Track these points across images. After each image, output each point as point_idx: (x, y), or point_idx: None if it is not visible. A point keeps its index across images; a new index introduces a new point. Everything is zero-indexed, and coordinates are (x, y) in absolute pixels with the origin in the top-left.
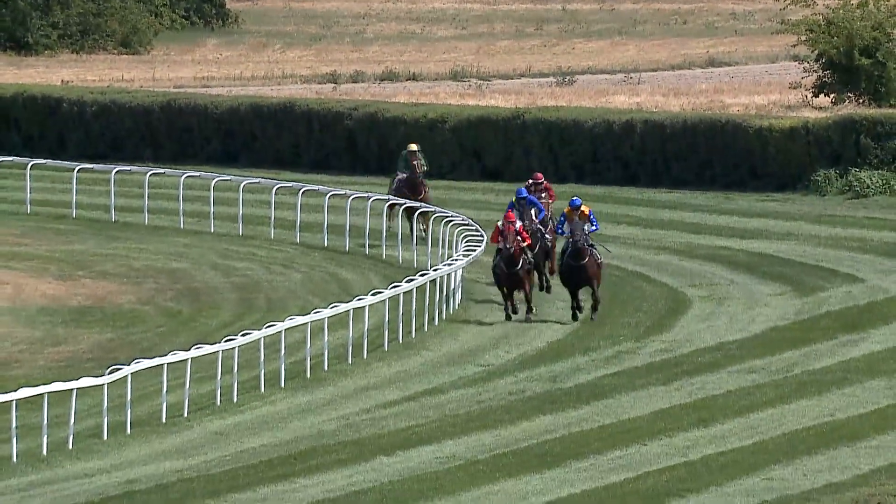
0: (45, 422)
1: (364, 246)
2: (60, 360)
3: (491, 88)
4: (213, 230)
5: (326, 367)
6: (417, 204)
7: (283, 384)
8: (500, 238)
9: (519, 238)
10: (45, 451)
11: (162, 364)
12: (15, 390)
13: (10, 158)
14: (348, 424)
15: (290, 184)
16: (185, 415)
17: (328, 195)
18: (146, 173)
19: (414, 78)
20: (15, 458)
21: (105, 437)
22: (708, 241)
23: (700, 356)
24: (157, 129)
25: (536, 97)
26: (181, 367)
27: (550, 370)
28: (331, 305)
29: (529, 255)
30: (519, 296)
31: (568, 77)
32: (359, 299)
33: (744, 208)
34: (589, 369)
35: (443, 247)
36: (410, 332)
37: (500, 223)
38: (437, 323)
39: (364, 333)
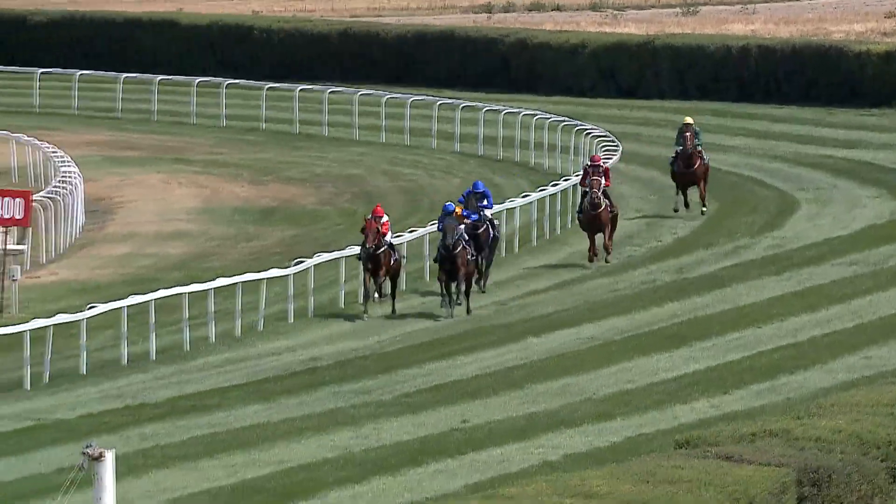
0: (239, 307)
1: (514, 155)
2: (251, 254)
3: (625, 18)
4: (383, 141)
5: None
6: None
7: (426, 280)
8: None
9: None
10: (238, 333)
11: (340, 257)
12: (212, 279)
13: (208, 79)
14: (501, 310)
15: (450, 100)
16: (361, 301)
17: (483, 110)
18: (325, 91)
19: (558, 8)
20: (213, 339)
21: (291, 321)
22: (813, 150)
23: (807, 250)
24: (335, 53)
25: (665, 25)
26: (356, 260)
27: (677, 262)
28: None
29: (395, 252)
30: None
31: (692, 7)
32: (510, 201)
33: (844, 122)
34: (710, 262)
35: (582, 155)
36: (555, 230)
37: (367, 216)
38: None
39: (515, 231)
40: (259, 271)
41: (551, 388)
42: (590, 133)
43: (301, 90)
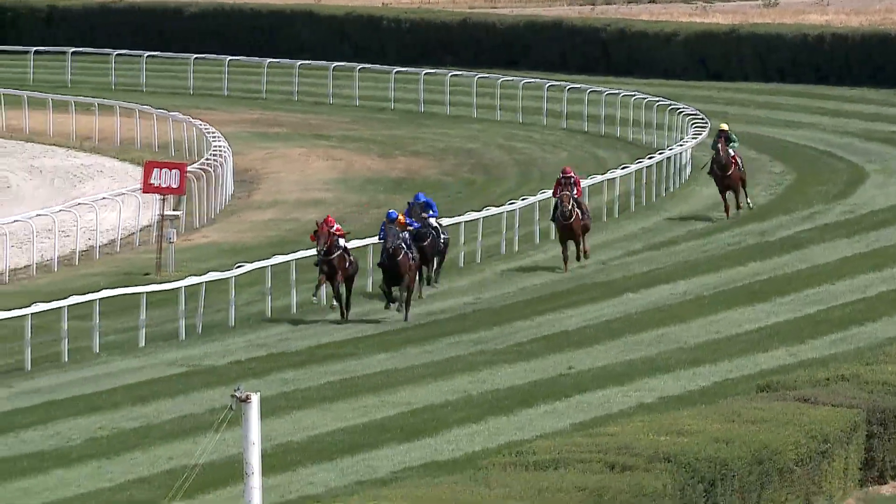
0: (370, 267)
1: (615, 131)
2: (381, 219)
3: (713, 9)
4: (499, 119)
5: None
6: None
7: (552, 237)
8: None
9: (335, 236)
10: (369, 289)
11: (460, 222)
12: (347, 242)
13: (343, 63)
14: (603, 269)
15: (558, 83)
16: (478, 261)
17: (587, 91)
18: (447, 74)
19: (654, 0)
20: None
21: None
22: (881, 127)
23: (875, 216)
24: (456, 41)
25: (748, 16)
26: (474, 225)
27: (759, 227)
28: (590, 176)
29: (348, 254)
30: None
31: (772, 0)
32: (611, 172)
33: None
34: (789, 226)
35: (675, 131)
36: (651, 198)
37: (318, 221)
38: (672, 190)
39: (615, 198)
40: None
41: (647, 337)
42: (681, 112)
43: (426, 73)
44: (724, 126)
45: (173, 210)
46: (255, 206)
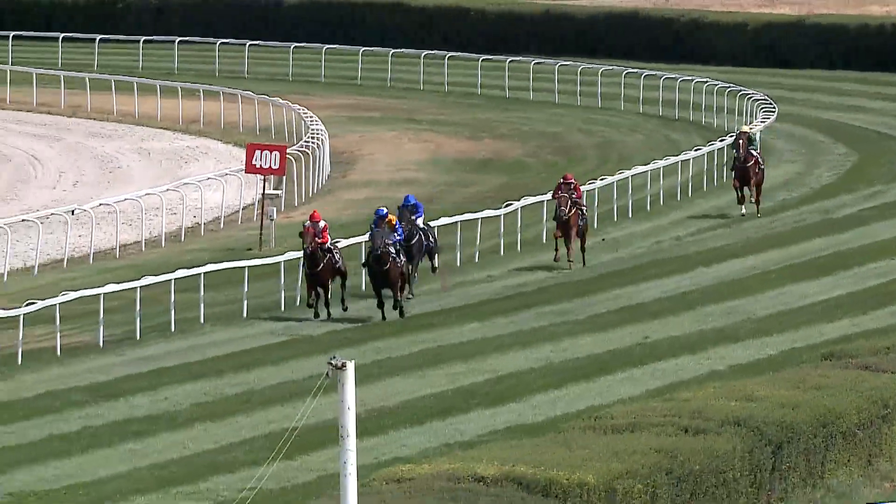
0: (458, 242)
1: (689, 115)
2: (468, 197)
3: (780, 0)
4: (579, 104)
5: (663, 202)
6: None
7: (629, 215)
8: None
9: (318, 239)
10: (458, 263)
11: (542, 200)
12: (436, 219)
13: (433, 51)
14: (677, 244)
15: (634, 70)
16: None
17: (662, 78)
18: (531, 62)
19: None
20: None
21: (501, 254)
22: None
23: None
24: (538, 30)
25: (813, 7)
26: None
27: (823, 205)
28: (664, 157)
29: (336, 256)
30: (333, 286)
31: None
32: (685, 153)
33: None
34: (852, 204)
35: (744, 115)
36: (722, 178)
37: (306, 223)
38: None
39: (689, 178)
40: (475, 212)
41: (718, 309)
42: (750, 97)
43: (510, 61)
44: (746, 128)
45: (274, 189)
46: (350, 185)
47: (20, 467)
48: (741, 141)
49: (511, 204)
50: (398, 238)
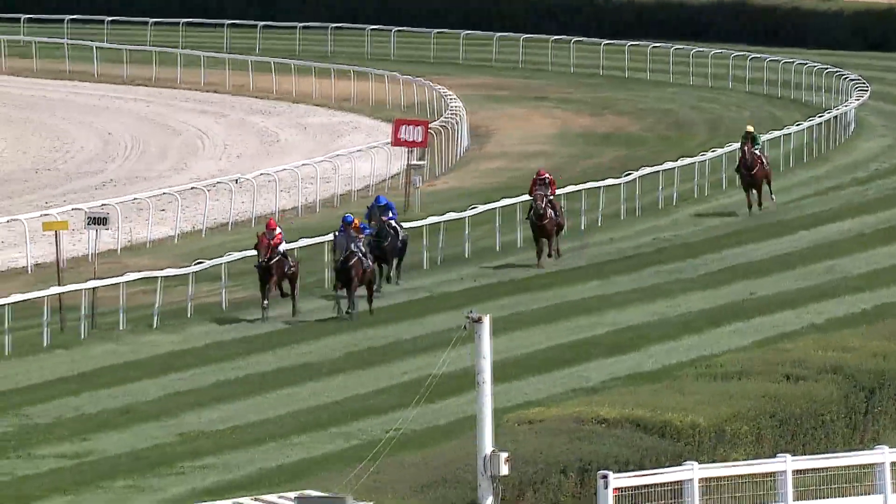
0: (583, 208)
1: (790, 93)
2: (589, 168)
3: None
4: (691, 83)
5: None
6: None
7: (736, 184)
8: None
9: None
10: (582, 227)
11: (658, 170)
12: (562, 188)
13: (559, 37)
14: (781, 209)
15: (741, 53)
16: (674, 203)
17: (766, 60)
18: (648, 46)
19: None
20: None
21: (622, 218)
22: None
23: None
24: (653, 17)
25: None
26: (671, 174)
27: None
28: (768, 132)
29: (289, 259)
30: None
31: None
32: (786, 128)
33: None
34: None
35: (840, 94)
36: (821, 150)
37: (260, 232)
38: (838, 144)
39: (790, 151)
40: (598, 181)
41: (817, 268)
42: (845, 77)
43: (629, 45)
44: (750, 128)
45: (418, 160)
46: (486, 156)
47: (190, 410)
48: (746, 143)
49: (630, 173)
50: (368, 232)
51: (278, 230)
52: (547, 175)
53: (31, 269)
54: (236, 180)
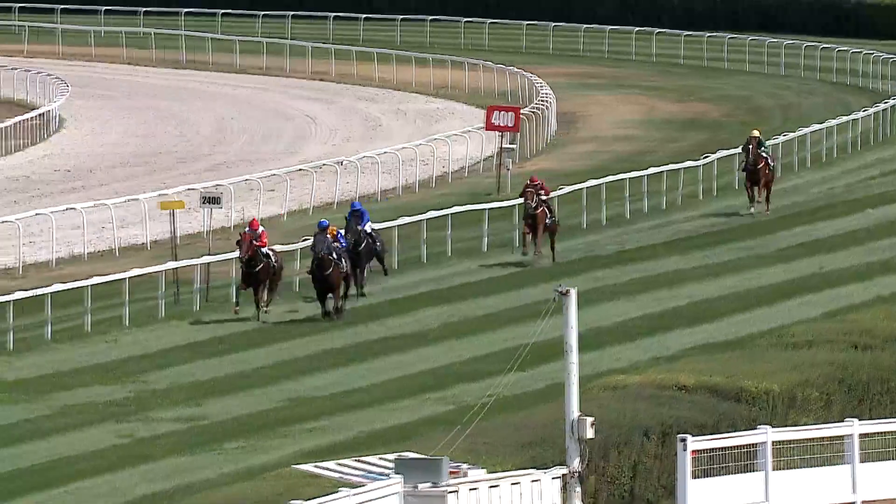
0: (664, 187)
1: (857, 81)
2: (675, 151)
3: None
4: (765, 72)
5: (836, 154)
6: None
7: (808, 165)
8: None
9: (256, 243)
10: (663, 206)
11: (734, 153)
12: (646, 168)
13: (644, 28)
14: (848, 188)
15: (813, 43)
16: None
17: (835, 50)
18: (725, 37)
19: None
20: (646, 210)
21: (700, 198)
22: None
23: None
24: (727, 10)
25: None
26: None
27: None
28: (836, 117)
29: (273, 259)
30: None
31: None
32: (854, 113)
33: None
34: None
35: None
36: (887, 133)
37: (243, 230)
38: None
39: (858, 134)
40: (678, 163)
41: (883, 244)
42: None
43: (708, 36)
44: (756, 133)
45: (510, 144)
46: (574, 140)
47: (297, 377)
48: (751, 145)
49: (708, 156)
50: (342, 246)
51: (262, 229)
52: (539, 181)
53: (149, 246)
54: (340, 162)
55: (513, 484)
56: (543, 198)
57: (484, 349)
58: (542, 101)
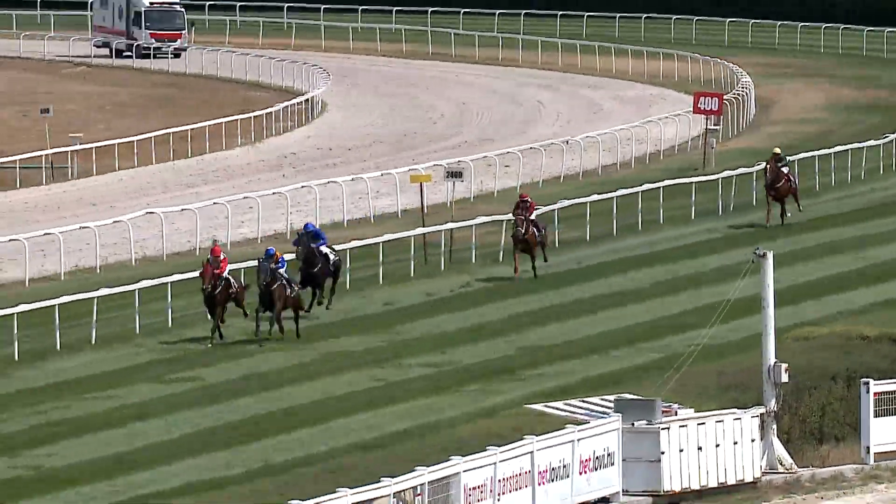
0: (832, 167)
1: None
2: (856, 132)
3: None
4: None
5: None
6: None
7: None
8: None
9: (216, 271)
10: (817, 188)
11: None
12: (817, 150)
13: (833, 25)
14: None
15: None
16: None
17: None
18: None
19: None
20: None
21: (880, 172)
22: None
23: None
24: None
25: None
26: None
27: None
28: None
29: (233, 283)
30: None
31: None
32: None
33: None
34: None
35: None
36: None
37: (205, 259)
38: None
39: None
40: (861, 142)
41: None
42: None
43: (888, 32)
44: (777, 150)
45: (714, 125)
46: (769, 122)
47: (530, 328)
48: (771, 162)
49: (887, 136)
50: (282, 267)
51: (223, 256)
52: (528, 198)
53: (400, 215)
54: (566, 141)
55: (717, 422)
56: (532, 218)
57: (690, 304)
58: (742, 88)
